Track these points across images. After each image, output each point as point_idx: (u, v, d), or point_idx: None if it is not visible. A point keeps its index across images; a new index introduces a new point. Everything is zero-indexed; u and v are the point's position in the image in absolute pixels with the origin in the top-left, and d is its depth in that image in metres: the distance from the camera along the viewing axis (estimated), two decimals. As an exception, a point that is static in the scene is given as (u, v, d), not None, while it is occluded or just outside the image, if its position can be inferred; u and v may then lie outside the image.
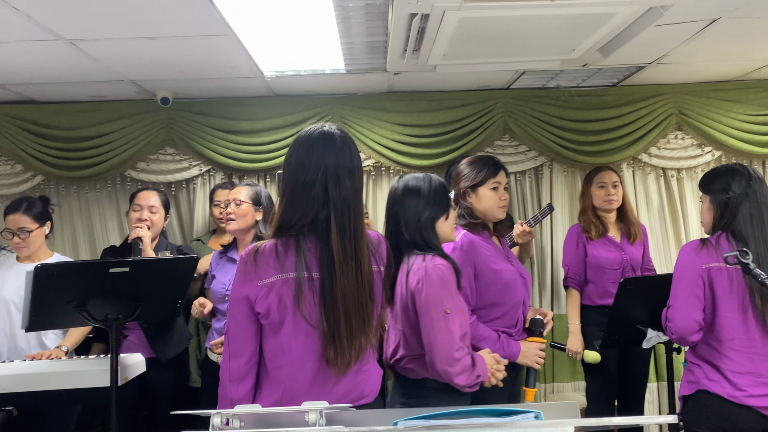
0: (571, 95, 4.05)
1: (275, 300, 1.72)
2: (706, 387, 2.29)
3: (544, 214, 3.59)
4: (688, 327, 2.31)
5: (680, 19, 2.81)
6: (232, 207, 3.00)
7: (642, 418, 1.22)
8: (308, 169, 1.77)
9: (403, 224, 2.23)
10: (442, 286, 2.08)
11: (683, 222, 4.17)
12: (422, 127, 4.05)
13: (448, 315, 2.05)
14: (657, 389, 4.02)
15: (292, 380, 1.75)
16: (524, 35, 2.84)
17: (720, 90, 4.09)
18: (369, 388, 1.85)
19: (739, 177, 2.34)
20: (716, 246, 2.30)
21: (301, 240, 1.75)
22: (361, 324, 1.76)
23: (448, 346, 2.03)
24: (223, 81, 3.68)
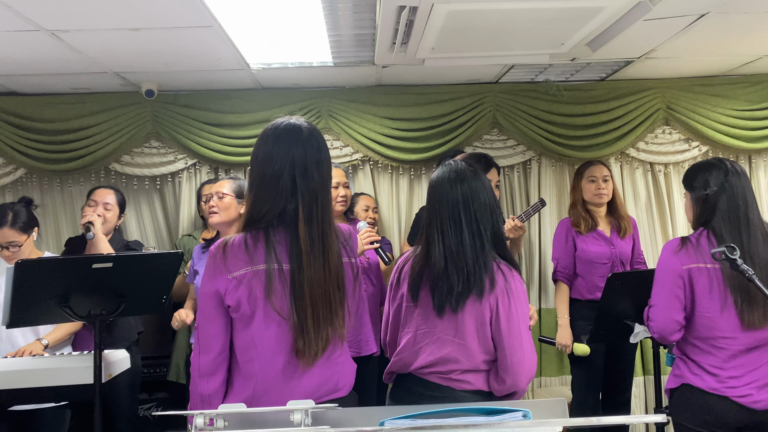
0: (560, 89, 4.04)
1: (245, 293, 1.72)
2: (690, 381, 2.30)
3: (535, 209, 3.59)
4: (669, 327, 2.32)
5: (668, 14, 2.81)
6: (214, 200, 2.98)
7: (630, 418, 1.21)
8: (276, 162, 1.77)
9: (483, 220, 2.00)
10: (525, 300, 2.01)
11: (670, 216, 4.18)
12: (411, 120, 4.03)
13: (530, 332, 2.02)
14: (643, 383, 4.04)
15: (264, 373, 1.75)
16: (513, 29, 2.82)
17: (707, 85, 4.09)
18: (343, 381, 1.85)
19: (717, 172, 2.32)
20: (696, 246, 2.28)
21: (271, 232, 1.76)
22: (328, 315, 1.76)
23: (533, 365, 1.99)
24: (209, 73, 3.64)
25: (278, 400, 1.72)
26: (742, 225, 2.25)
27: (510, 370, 1.95)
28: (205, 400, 1.72)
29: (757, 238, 2.24)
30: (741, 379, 2.24)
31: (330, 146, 4.04)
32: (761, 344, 2.24)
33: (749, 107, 4.09)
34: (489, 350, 1.99)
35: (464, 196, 2.01)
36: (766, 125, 4.09)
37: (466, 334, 1.99)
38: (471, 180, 2.04)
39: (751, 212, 2.28)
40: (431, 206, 2.09)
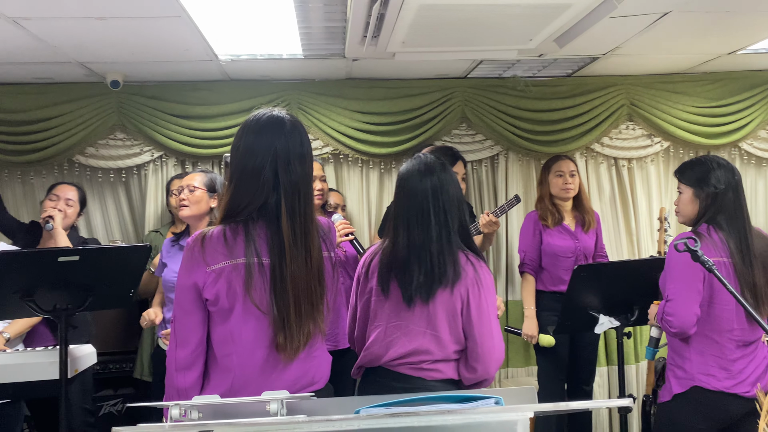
0: (527, 85, 4.10)
1: (224, 286, 1.71)
2: (701, 383, 2.33)
3: (510, 205, 3.65)
4: (689, 320, 2.33)
5: (633, 12, 2.87)
6: (185, 193, 2.95)
7: (598, 403, 1.25)
8: (257, 154, 1.75)
9: (451, 212, 2.04)
10: (493, 290, 2.07)
11: (633, 210, 4.28)
12: (381, 114, 4.04)
13: (497, 320, 2.07)
14: (607, 373, 4.14)
15: (243, 367, 1.74)
16: (483, 24, 2.85)
17: (669, 82, 4.20)
18: (319, 374, 1.86)
19: (725, 170, 2.41)
20: (710, 239, 2.33)
21: (251, 225, 1.74)
22: (310, 309, 1.76)
23: (502, 354, 2.05)
24: (177, 64, 3.58)
25: (256, 393, 1.69)
26: (742, 221, 2.36)
27: (481, 358, 2.00)
28: (181, 393, 1.71)
29: (752, 233, 2.36)
30: (745, 371, 2.33)
31: (299, 139, 4.03)
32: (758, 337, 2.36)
33: (709, 104, 4.21)
34: (460, 340, 2.04)
35: (433, 189, 2.05)
36: (725, 122, 4.21)
37: (437, 324, 2.02)
38: (440, 173, 2.07)
39: (746, 210, 2.42)
40: (399, 198, 2.12)
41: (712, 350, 2.34)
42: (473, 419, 1.22)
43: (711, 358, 2.33)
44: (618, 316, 2.82)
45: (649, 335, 2.90)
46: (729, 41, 3.46)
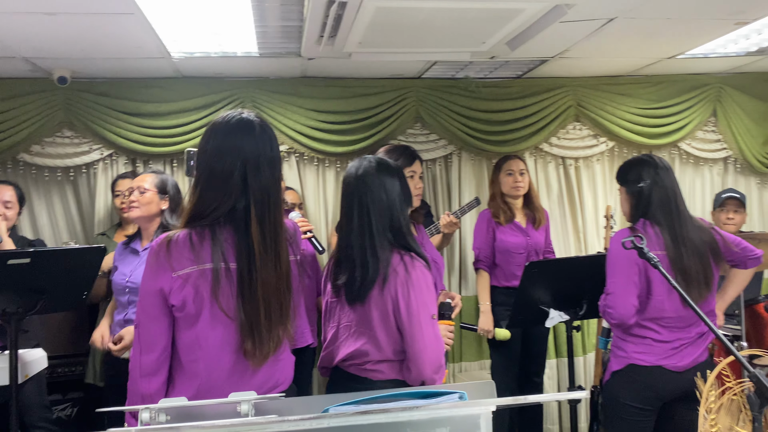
0: (479, 86, 4.19)
1: (191, 292, 1.68)
2: (635, 360, 2.49)
3: (470, 207, 3.74)
4: (627, 312, 2.47)
5: (581, 17, 2.98)
6: (135, 195, 2.89)
7: (557, 395, 1.32)
8: (226, 157, 1.72)
9: (387, 212, 2.04)
10: (426, 289, 1.99)
11: (580, 207, 4.43)
12: (336, 113, 4.06)
13: (433, 320, 1.99)
14: (556, 365, 4.28)
15: (209, 372, 1.72)
16: (438, 27, 2.90)
17: (614, 84, 4.36)
18: (284, 376, 1.85)
19: (647, 167, 2.55)
20: (645, 234, 2.44)
21: (217, 230, 1.71)
22: (280, 315, 1.75)
23: (438, 355, 1.97)
24: (127, 61, 3.51)
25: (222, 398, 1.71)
26: (674, 213, 2.49)
27: (413, 359, 1.97)
28: (146, 399, 1.68)
29: (687, 224, 2.49)
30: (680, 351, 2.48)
31: (254, 138, 4.00)
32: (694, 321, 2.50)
33: (651, 106, 4.39)
34: (396, 340, 2.02)
35: (360, 192, 2.06)
36: (665, 123, 4.40)
37: (373, 325, 2.03)
38: (368, 176, 2.06)
39: (680, 202, 2.53)
40: (341, 201, 2.15)
41: (650, 334, 2.49)
42: (439, 414, 1.26)
43: (649, 340, 2.49)
44: (567, 310, 2.92)
45: (599, 326, 3.03)
46: (670, 46, 3.63)
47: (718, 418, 2.55)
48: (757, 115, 4.46)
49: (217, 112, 3.91)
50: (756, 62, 4.11)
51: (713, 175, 4.58)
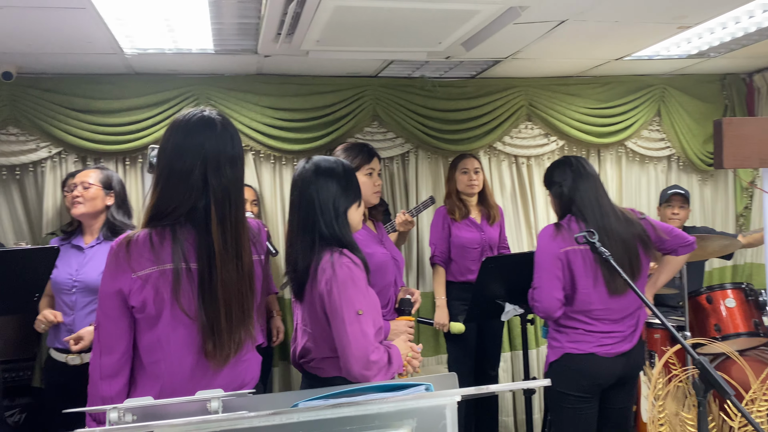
0: (435, 86, 4.25)
1: (151, 293, 1.66)
2: (568, 350, 2.62)
3: (425, 206, 3.80)
4: (552, 305, 2.62)
5: (534, 19, 3.06)
6: (79, 190, 2.84)
7: (518, 384, 1.37)
8: (186, 156, 1.70)
9: (319, 212, 2.06)
10: (352, 285, 1.97)
11: (532, 205, 4.55)
12: (293, 111, 4.05)
13: (360, 316, 1.95)
14: (510, 358, 4.38)
15: (171, 374, 1.71)
16: (396, 27, 2.94)
17: (564, 85, 4.49)
18: (249, 376, 1.84)
19: (562, 168, 2.71)
20: (569, 230, 2.60)
21: (178, 230, 1.69)
22: (241, 316, 1.73)
23: (363, 350, 1.93)
24: (77, 56, 3.42)
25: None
26: (596, 209, 2.60)
27: (340, 355, 1.97)
28: (107, 402, 1.65)
29: (611, 218, 2.60)
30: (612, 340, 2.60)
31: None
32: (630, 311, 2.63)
33: (599, 106, 4.54)
34: (330, 337, 2.02)
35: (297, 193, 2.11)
36: (613, 122, 4.56)
37: (309, 323, 2.08)
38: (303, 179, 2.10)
39: (601, 197, 2.65)
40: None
41: (581, 326, 2.61)
42: (407, 406, 1.30)
43: (581, 330, 2.61)
44: (522, 303, 3.01)
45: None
46: (617, 48, 3.76)
47: (665, 404, 2.69)
48: (698, 115, 4.67)
49: (170, 110, 3.86)
50: (697, 64, 4.30)
51: (658, 173, 4.77)
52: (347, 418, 1.26)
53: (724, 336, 3.35)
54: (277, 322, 3.57)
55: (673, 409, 2.67)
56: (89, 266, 2.86)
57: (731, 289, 3.46)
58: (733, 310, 3.39)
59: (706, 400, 1.72)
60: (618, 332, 2.60)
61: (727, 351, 2.93)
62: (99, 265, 2.64)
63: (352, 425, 1.26)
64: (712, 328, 3.41)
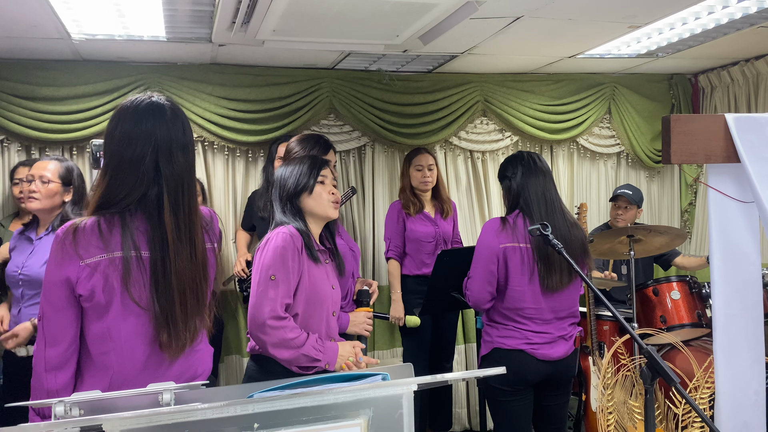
0: (392, 79, 4.25)
1: (100, 281, 1.62)
2: (498, 344, 2.65)
3: (347, 197, 3.80)
4: (482, 297, 2.67)
5: (491, 15, 3.09)
6: (37, 185, 2.68)
7: (474, 372, 1.38)
8: (136, 143, 1.66)
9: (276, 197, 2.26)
10: (275, 252, 2.10)
11: (487, 199, 4.60)
12: (248, 102, 3.99)
13: (272, 281, 2.08)
14: (464, 350, 4.43)
15: (122, 365, 1.67)
16: (353, 18, 2.92)
17: (518, 81, 4.55)
18: (201, 368, 1.82)
19: (514, 164, 2.73)
20: (513, 226, 2.63)
21: (127, 217, 1.65)
22: (196, 305, 1.72)
23: (262, 311, 2.06)
24: (21, 41, 3.28)
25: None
26: (542, 205, 2.63)
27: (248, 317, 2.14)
28: (52, 395, 1.60)
29: (556, 214, 2.63)
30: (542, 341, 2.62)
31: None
32: (561, 315, 2.65)
33: (552, 102, 4.62)
34: None
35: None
36: (565, 119, 4.65)
37: None
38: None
39: (548, 193, 2.67)
40: None
41: (511, 322, 2.65)
42: (363, 395, 1.29)
43: (510, 326, 2.65)
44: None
45: None
46: (570, 46, 3.84)
47: (613, 393, 2.76)
48: (646, 114, 4.81)
49: (120, 98, 3.75)
50: (646, 64, 4.42)
51: (608, 169, 4.89)
52: (303, 409, 1.25)
53: (669, 327, 3.47)
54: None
55: (621, 397, 2.75)
56: (34, 258, 2.75)
57: (676, 282, 3.58)
58: (678, 302, 3.51)
59: (653, 388, 1.77)
60: (547, 333, 2.63)
61: (672, 341, 3.03)
62: (43, 256, 2.54)
63: (308, 416, 1.25)
64: (658, 319, 3.53)
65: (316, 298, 2.19)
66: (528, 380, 2.63)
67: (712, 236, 1.98)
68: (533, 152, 2.85)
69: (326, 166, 2.34)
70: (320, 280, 2.21)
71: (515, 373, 2.60)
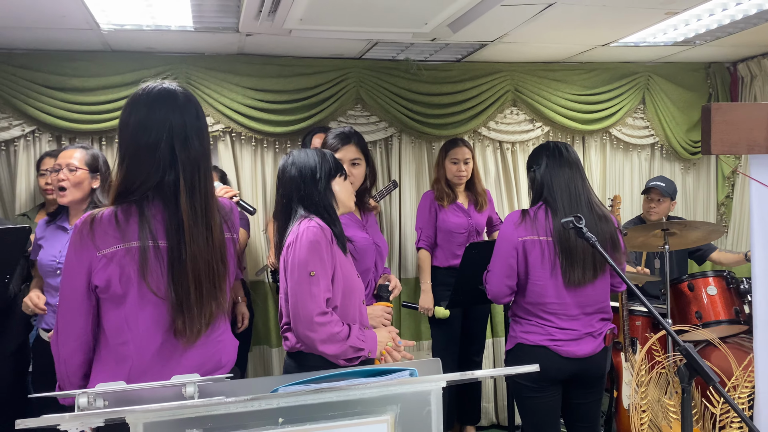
0: (419, 69, 4.19)
1: (116, 271, 1.63)
2: (521, 340, 2.59)
3: (388, 190, 3.76)
4: (501, 291, 2.62)
5: (522, 1, 3.01)
6: (65, 173, 2.67)
7: (505, 370, 1.33)
8: (152, 130, 1.67)
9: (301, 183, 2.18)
10: (309, 247, 2.04)
11: (516, 191, 4.52)
12: (275, 92, 3.97)
13: (312, 278, 2.02)
14: (492, 345, 4.37)
15: (140, 355, 1.68)
16: (380, 5, 2.87)
17: (549, 70, 4.45)
18: (225, 358, 1.81)
19: (539, 154, 2.64)
20: (534, 219, 2.56)
21: (145, 206, 1.67)
22: (212, 290, 1.71)
23: (309, 310, 2.00)
24: (51, 32, 3.31)
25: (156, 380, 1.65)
26: (565, 198, 2.55)
27: (291, 315, 2.06)
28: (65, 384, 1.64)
29: (582, 207, 2.54)
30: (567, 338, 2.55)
31: (189, 116, 3.87)
32: (589, 311, 2.56)
33: (584, 92, 4.51)
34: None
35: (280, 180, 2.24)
36: (597, 109, 4.54)
37: (283, 288, 2.15)
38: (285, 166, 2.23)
39: (573, 185, 2.57)
40: None
41: (534, 317, 2.58)
42: (390, 391, 1.26)
43: (533, 322, 2.58)
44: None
45: None
46: (604, 34, 3.73)
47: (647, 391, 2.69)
48: (682, 104, 4.66)
49: (149, 89, 3.76)
50: (682, 52, 4.28)
51: (641, 161, 4.77)
52: (329, 404, 1.22)
53: (705, 323, 3.36)
54: (242, 308, 3.51)
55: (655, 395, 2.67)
56: None
57: (713, 277, 3.48)
58: (715, 297, 3.41)
59: (690, 387, 1.71)
60: (573, 330, 2.53)
61: (709, 338, 2.94)
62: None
63: (334, 411, 1.22)
64: (693, 315, 3.43)
65: (349, 288, 2.17)
66: (553, 377, 2.57)
67: (753, 230, 1.89)
68: (562, 142, 2.74)
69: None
70: (350, 270, 2.20)
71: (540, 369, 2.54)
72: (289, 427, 1.18)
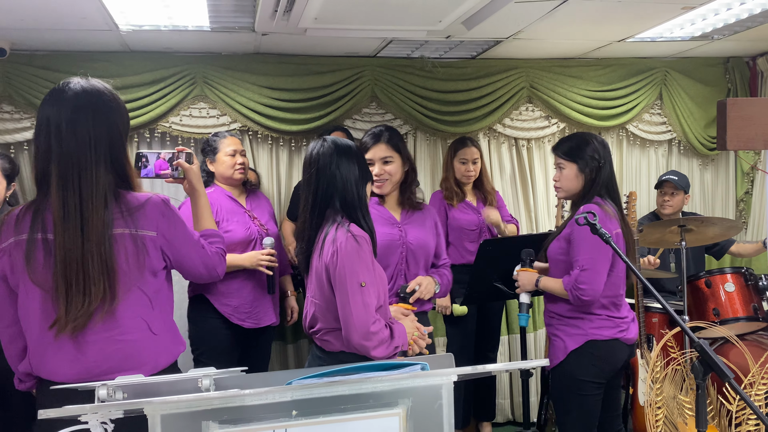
0: (434, 66, 4.19)
1: (8, 263, 1.75)
2: (596, 336, 2.55)
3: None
4: (600, 288, 2.51)
5: (536, -2, 3.01)
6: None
7: (518, 364, 1.34)
8: (40, 129, 1.78)
9: (341, 188, 2.13)
10: (357, 257, 2.03)
11: (532, 188, 4.51)
12: (290, 91, 4.00)
13: (363, 288, 2.02)
14: (508, 341, 4.37)
15: (35, 345, 1.77)
16: (395, 4, 2.88)
17: (565, 66, 4.43)
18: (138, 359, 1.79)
19: (601, 145, 2.64)
20: (606, 212, 2.56)
21: (43, 201, 1.76)
22: (81, 286, 1.70)
23: (364, 321, 2.00)
24: (71, 33, 3.36)
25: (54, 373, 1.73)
26: (617, 191, 2.62)
27: (343, 325, 2.04)
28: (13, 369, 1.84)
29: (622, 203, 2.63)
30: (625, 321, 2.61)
31: (206, 114, 3.93)
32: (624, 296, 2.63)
33: (600, 88, 4.49)
34: (335, 309, 2.08)
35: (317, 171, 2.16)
36: (613, 105, 4.51)
37: (316, 293, 2.14)
38: (323, 157, 2.16)
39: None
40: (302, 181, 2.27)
41: (605, 311, 2.57)
42: (402, 385, 1.28)
43: (604, 316, 2.57)
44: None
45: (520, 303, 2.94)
46: (620, 29, 3.70)
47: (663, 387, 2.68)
48: (699, 99, 4.62)
49: (166, 88, 3.82)
50: (699, 47, 4.24)
51: (658, 157, 4.73)
52: (341, 397, 1.25)
53: (722, 320, 3.34)
54: (292, 302, 3.56)
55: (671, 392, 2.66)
56: None
57: (731, 274, 3.45)
58: (732, 294, 3.38)
59: (705, 384, 1.70)
60: (627, 316, 2.61)
61: (726, 335, 2.92)
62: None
63: (346, 404, 1.24)
64: (711, 312, 3.40)
65: (385, 288, 2.19)
66: (617, 368, 2.58)
67: (770, 225, 1.88)
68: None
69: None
70: (381, 268, 2.21)
71: (611, 363, 2.55)
72: (303, 420, 1.21)
